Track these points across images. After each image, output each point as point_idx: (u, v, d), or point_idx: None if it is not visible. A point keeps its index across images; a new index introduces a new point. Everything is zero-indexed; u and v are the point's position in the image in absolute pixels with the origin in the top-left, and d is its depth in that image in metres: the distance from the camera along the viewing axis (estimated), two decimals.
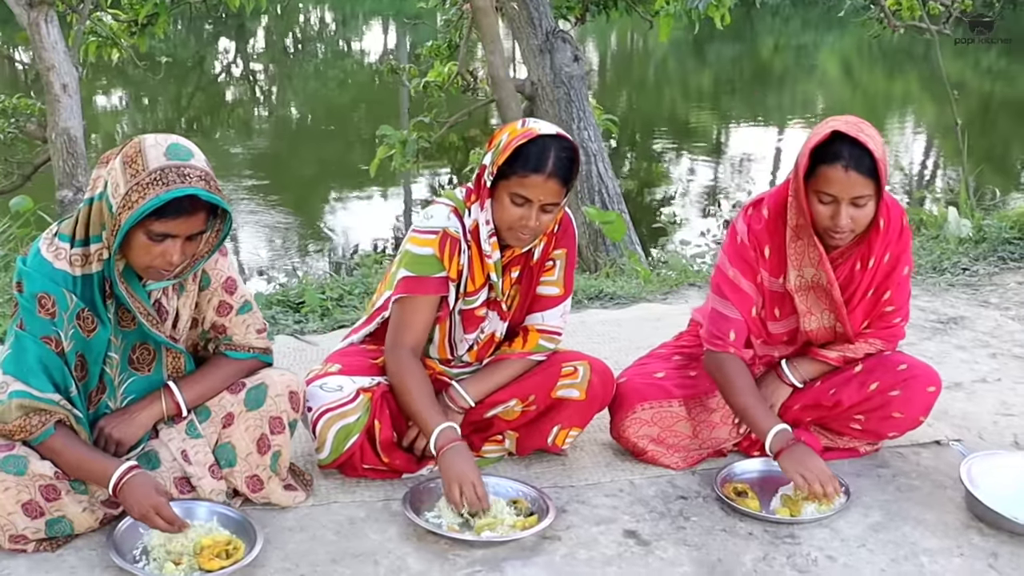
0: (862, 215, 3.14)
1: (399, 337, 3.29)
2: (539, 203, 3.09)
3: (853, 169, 3.06)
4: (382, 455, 3.26)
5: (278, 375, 3.12)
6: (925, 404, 3.43)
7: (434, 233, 3.25)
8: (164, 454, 3.03)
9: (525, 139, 3.07)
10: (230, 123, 19.28)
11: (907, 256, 3.41)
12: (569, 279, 3.42)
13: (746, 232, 3.37)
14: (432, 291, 3.26)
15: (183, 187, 2.67)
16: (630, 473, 3.43)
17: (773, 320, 3.45)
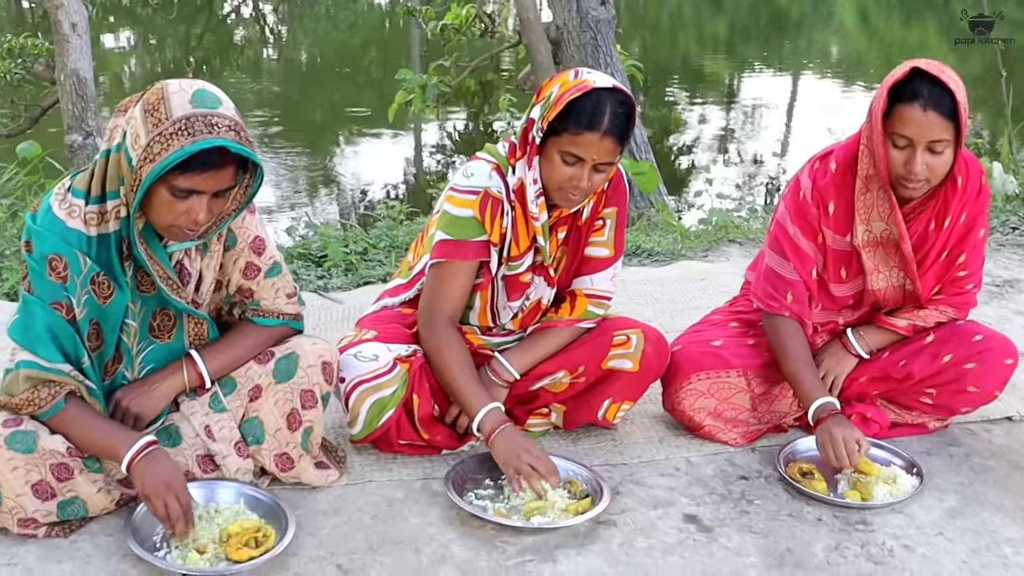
0: (939, 163, 2.88)
1: (435, 304, 3.04)
2: (592, 162, 2.83)
3: (932, 109, 2.80)
4: (421, 430, 3.03)
5: (310, 344, 2.87)
6: (1002, 377, 3.18)
7: (474, 193, 2.98)
8: (186, 429, 2.80)
9: (579, 92, 2.79)
10: (239, 64, 18.90)
11: (984, 218, 3.15)
12: (620, 239, 3.16)
13: (810, 188, 3.11)
14: (471, 256, 3.01)
15: (211, 138, 2.40)
16: (685, 450, 3.20)
17: (838, 282, 3.20)
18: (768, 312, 3.21)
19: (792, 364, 3.14)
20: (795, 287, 3.16)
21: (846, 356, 3.26)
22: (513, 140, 3.03)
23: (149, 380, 2.76)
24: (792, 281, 3.16)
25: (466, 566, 2.62)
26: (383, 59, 18.50)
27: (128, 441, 2.56)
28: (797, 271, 3.15)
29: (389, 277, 4.72)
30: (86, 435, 2.60)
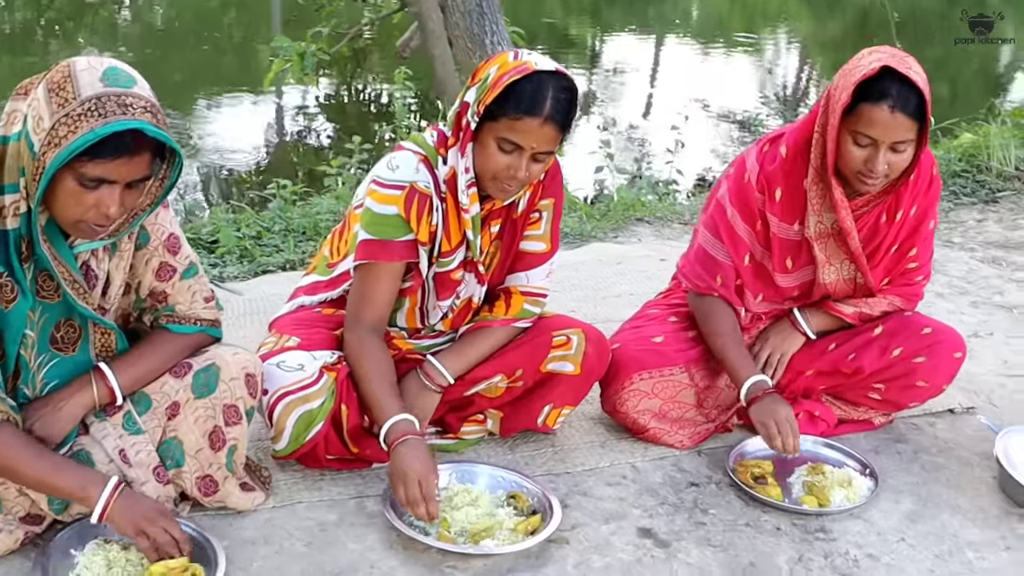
0: (900, 160, 2.77)
1: (359, 312, 2.80)
2: (531, 150, 2.60)
3: (900, 110, 2.67)
4: (350, 444, 2.79)
5: (231, 354, 2.59)
6: (951, 371, 3.11)
7: (399, 188, 2.73)
8: (98, 454, 2.48)
9: (519, 75, 2.56)
10: (94, 27, 17.98)
11: (934, 209, 3.06)
12: (556, 232, 2.96)
13: (756, 172, 2.98)
14: (396, 257, 2.76)
15: (125, 119, 2.10)
16: (630, 455, 3.03)
17: (784, 272, 3.07)
18: (696, 292, 3.07)
19: (719, 339, 3.03)
20: (725, 271, 3.04)
21: (793, 333, 3.14)
22: (441, 128, 2.79)
23: (54, 398, 2.44)
24: (723, 264, 3.04)
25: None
26: (242, 22, 17.86)
27: (97, 482, 2.31)
28: (729, 255, 3.03)
29: (289, 265, 4.45)
30: (31, 473, 2.31)
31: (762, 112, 11.38)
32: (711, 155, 8.51)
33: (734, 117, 10.29)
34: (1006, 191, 5.71)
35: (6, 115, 2.24)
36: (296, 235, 4.75)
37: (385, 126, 10.38)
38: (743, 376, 2.96)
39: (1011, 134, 6.13)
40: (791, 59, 17.19)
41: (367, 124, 11.72)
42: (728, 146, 9.61)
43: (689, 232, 5.08)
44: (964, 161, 5.97)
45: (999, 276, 4.58)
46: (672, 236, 5.03)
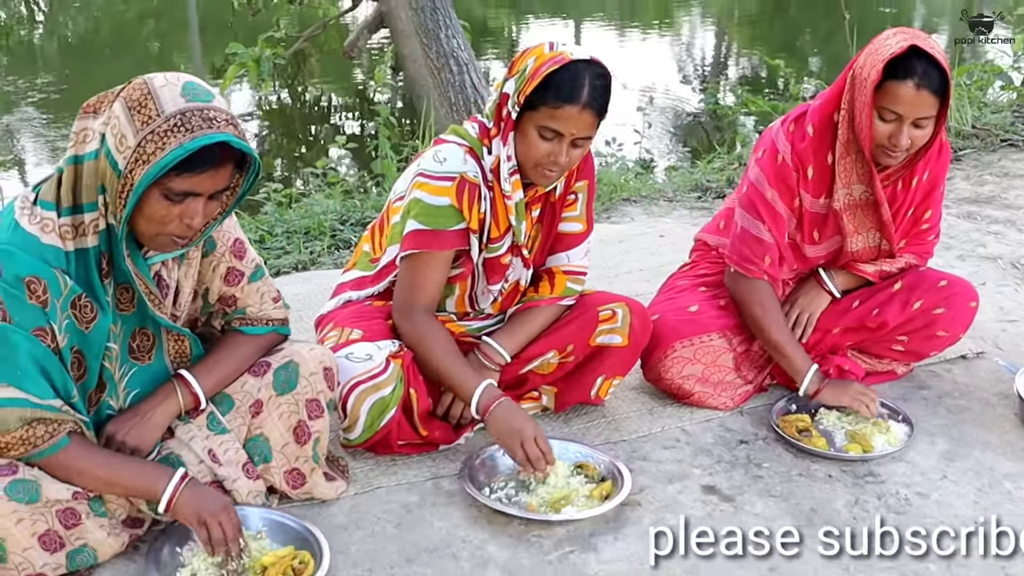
0: (921, 136, 2.94)
1: (412, 298, 2.91)
2: (571, 137, 2.73)
3: (925, 88, 2.84)
4: (420, 428, 2.90)
5: (307, 350, 2.70)
6: (967, 320, 3.31)
7: (450, 179, 2.84)
8: (187, 456, 2.57)
9: (556, 65, 2.69)
10: (9, 47, 17.67)
11: (944, 172, 3.25)
12: (591, 212, 3.10)
13: (789, 151, 3.12)
14: (448, 245, 2.88)
15: (211, 133, 2.18)
16: (678, 419, 3.18)
17: (812, 243, 3.24)
18: (744, 275, 3.22)
19: (776, 334, 3.17)
20: (771, 250, 3.18)
21: (820, 294, 3.31)
22: (480, 119, 2.91)
23: (140, 408, 2.53)
24: (768, 244, 3.17)
25: (509, 565, 2.54)
26: (160, 32, 17.69)
27: (163, 475, 2.38)
28: (772, 234, 3.16)
29: (301, 265, 4.53)
30: (102, 474, 2.38)
31: (684, 90, 11.60)
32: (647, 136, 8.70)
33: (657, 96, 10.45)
34: (967, 149, 5.96)
35: (76, 134, 2.30)
36: (300, 235, 4.83)
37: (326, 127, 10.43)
38: (803, 370, 3.13)
39: (964, 94, 6.38)
40: (708, 38, 17.48)
41: (309, 127, 11.78)
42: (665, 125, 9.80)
43: (676, 207, 5.27)
44: None
45: (977, 230, 4.81)
46: (661, 213, 5.19)
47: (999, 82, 7.13)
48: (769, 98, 8.47)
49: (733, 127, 8.58)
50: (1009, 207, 5.06)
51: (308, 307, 3.88)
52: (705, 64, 15.02)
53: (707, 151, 6.83)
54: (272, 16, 10.46)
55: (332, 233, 4.81)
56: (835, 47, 11.94)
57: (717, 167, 6.00)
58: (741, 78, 13.18)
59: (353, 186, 5.88)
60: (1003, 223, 4.86)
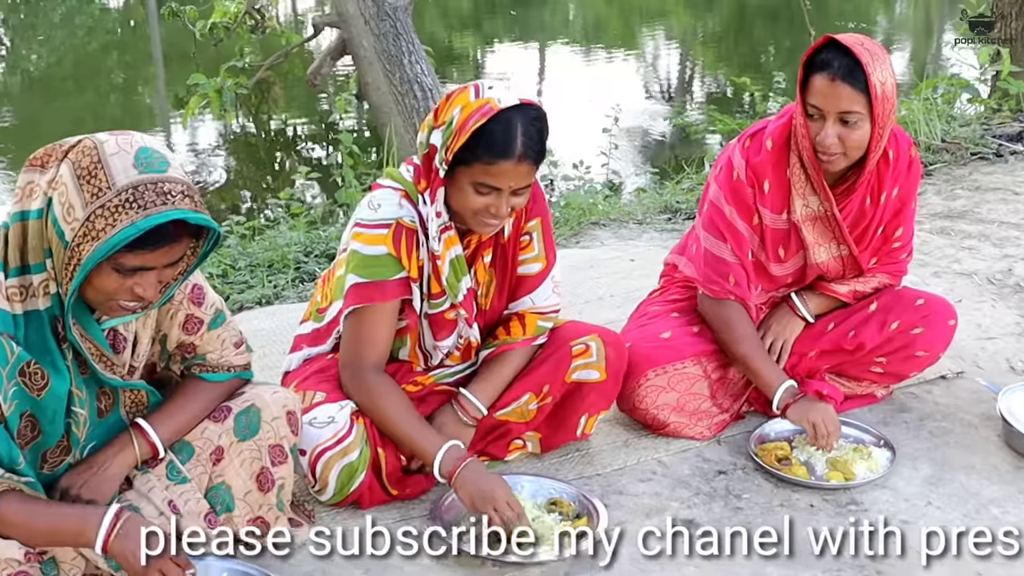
0: (853, 136, 2.88)
1: (359, 357, 2.78)
2: (509, 189, 2.62)
3: (841, 80, 2.81)
4: (390, 488, 2.80)
5: (270, 394, 2.60)
6: (947, 339, 3.25)
7: (385, 226, 2.72)
8: (147, 508, 2.45)
9: (484, 117, 2.55)
10: None
11: (915, 190, 3.20)
12: (550, 247, 2.97)
13: (744, 167, 3.07)
14: (392, 296, 2.74)
15: (165, 210, 2.07)
16: (654, 451, 3.09)
17: (777, 261, 3.17)
18: (711, 297, 3.14)
19: (742, 346, 3.10)
20: (735, 269, 3.11)
21: (793, 319, 3.24)
22: (416, 162, 2.78)
23: (95, 460, 2.40)
24: (732, 264, 3.11)
25: None
26: (124, 63, 17.55)
27: (93, 518, 2.22)
28: (735, 253, 3.10)
29: (265, 300, 4.42)
30: (38, 527, 2.23)
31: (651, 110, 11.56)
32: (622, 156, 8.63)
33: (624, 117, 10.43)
34: (937, 163, 5.91)
35: (21, 188, 2.18)
36: (263, 268, 4.72)
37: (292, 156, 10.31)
38: (775, 383, 3.06)
39: (933, 108, 6.35)
40: (672, 57, 17.51)
41: (273, 155, 11.67)
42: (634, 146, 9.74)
43: (646, 230, 5.20)
44: None
45: (951, 245, 4.75)
46: (631, 236, 5.12)
47: (966, 95, 7.11)
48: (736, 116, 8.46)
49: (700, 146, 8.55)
50: (982, 221, 5.01)
51: (273, 343, 3.78)
52: (671, 84, 15.03)
53: (676, 171, 6.77)
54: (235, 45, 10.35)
55: (296, 265, 4.70)
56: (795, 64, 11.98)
57: (686, 187, 5.94)
58: (708, 96, 13.19)
59: (318, 216, 5.78)
60: (977, 238, 4.81)
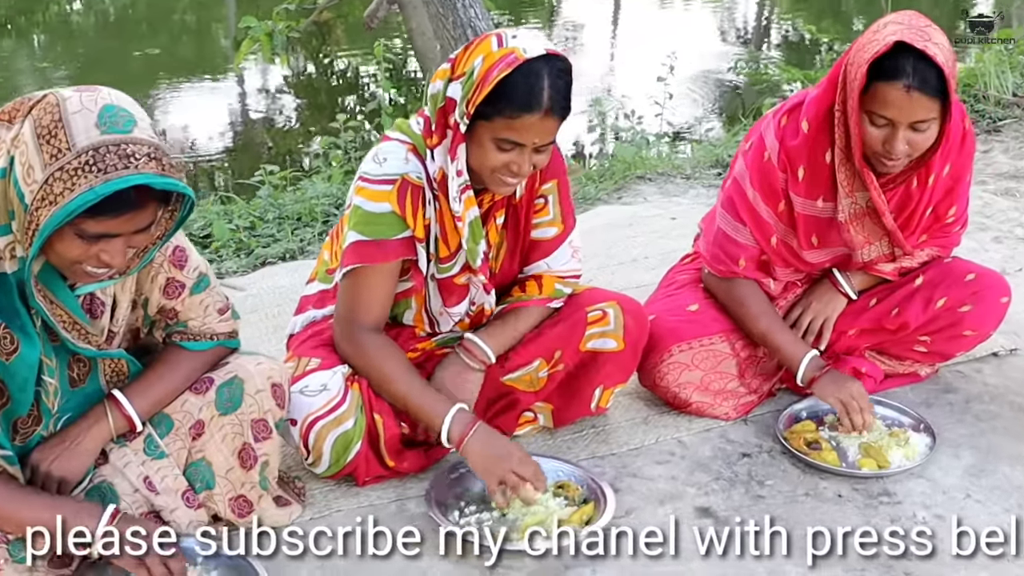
0: (922, 140, 2.60)
1: (354, 317, 2.61)
2: (532, 146, 2.42)
3: (917, 89, 2.49)
4: (388, 459, 2.63)
5: (254, 364, 2.44)
6: (998, 317, 2.99)
7: (390, 182, 2.54)
8: (121, 484, 2.33)
9: (508, 68, 2.35)
10: (47, 23, 17.56)
11: (970, 165, 2.89)
12: (567, 211, 2.77)
13: (777, 149, 2.80)
14: (393, 256, 2.57)
15: (128, 175, 1.91)
16: (675, 429, 2.90)
17: (810, 248, 2.91)
18: (717, 276, 2.95)
19: (760, 323, 2.89)
20: (748, 252, 2.89)
21: (835, 296, 2.99)
22: (427, 113, 2.57)
23: (68, 434, 2.27)
24: (746, 246, 2.89)
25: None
26: (197, 5, 17.51)
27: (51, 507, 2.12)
28: (754, 237, 2.88)
29: (289, 255, 4.28)
30: (9, 513, 2.12)
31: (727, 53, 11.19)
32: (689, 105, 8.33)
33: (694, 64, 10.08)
34: (1007, 119, 5.57)
35: None
36: (291, 221, 4.58)
37: (355, 99, 10.15)
38: (797, 356, 2.83)
39: (1006, 60, 5.99)
40: (750, 4, 16.96)
41: (336, 99, 11.52)
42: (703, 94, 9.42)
43: (692, 185, 4.96)
44: (961, 91, 5.82)
45: (1016, 208, 4.45)
46: (677, 192, 4.88)
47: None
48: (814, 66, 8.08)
49: (772, 96, 8.21)
50: None
51: (290, 301, 3.62)
52: (747, 29, 14.56)
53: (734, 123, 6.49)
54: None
55: (325, 219, 4.55)
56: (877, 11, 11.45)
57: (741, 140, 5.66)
58: (785, 42, 12.73)
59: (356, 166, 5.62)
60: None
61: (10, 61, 14.34)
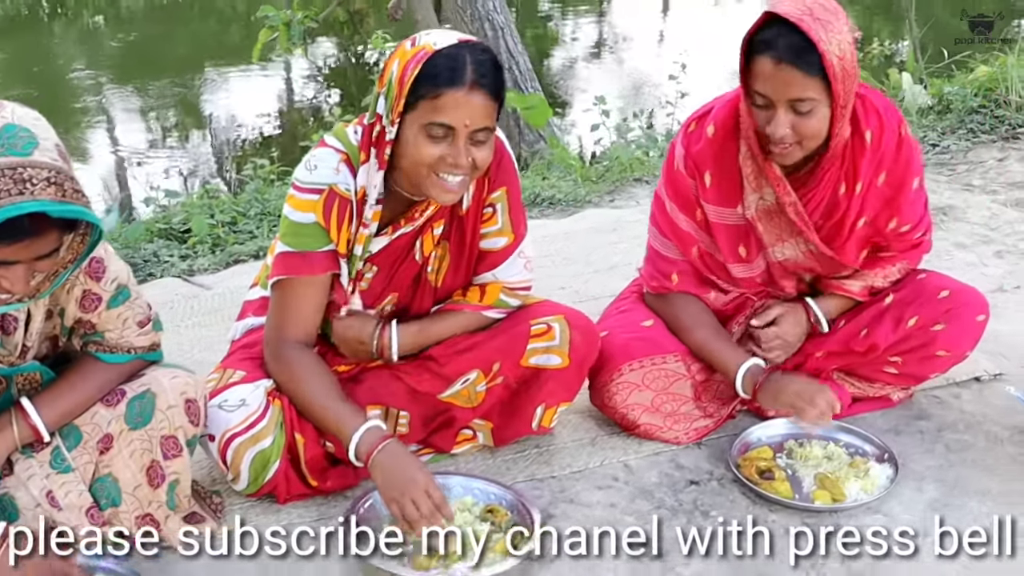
0: (809, 125, 2.45)
1: (281, 332, 2.50)
2: (465, 129, 2.28)
3: (788, 62, 2.37)
4: (310, 478, 2.52)
5: (168, 378, 2.33)
6: (973, 337, 2.80)
7: (317, 192, 2.42)
8: (23, 498, 2.24)
9: (422, 62, 2.25)
10: (97, 4, 17.64)
11: (912, 170, 2.69)
12: (517, 219, 2.62)
13: (683, 156, 2.68)
14: (320, 270, 2.46)
15: (21, 201, 1.82)
16: (622, 452, 2.75)
17: (738, 261, 2.77)
18: (653, 293, 2.83)
19: (695, 334, 2.76)
20: (680, 266, 2.78)
21: (801, 323, 2.83)
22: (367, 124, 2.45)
23: None
24: (676, 261, 2.78)
25: None
26: None
27: None
28: (680, 251, 2.76)
29: (262, 252, 4.18)
30: None
31: None
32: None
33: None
34: None
35: None
36: (272, 218, 4.48)
37: None
38: (733, 364, 2.68)
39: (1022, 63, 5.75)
40: None
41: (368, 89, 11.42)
42: None
43: None
44: (981, 96, 5.59)
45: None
46: None
47: None
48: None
49: None
50: None
51: None
52: None
53: None
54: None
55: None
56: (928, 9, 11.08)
57: None
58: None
59: None
60: None
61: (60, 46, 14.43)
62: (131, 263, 4.12)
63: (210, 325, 3.46)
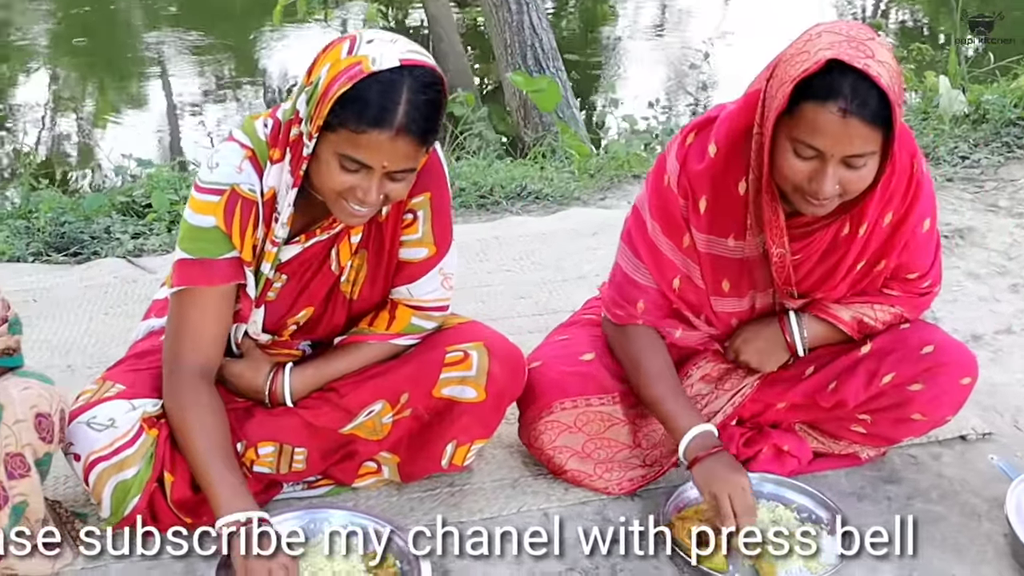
0: (856, 179, 2.09)
1: (178, 351, 2.23)
2: (383, 169, 2.01)
3: (855, 115, 1.99)
4: (181, 515, 2.25)
5: (19, 390, 2.07)
6: (955, 402, 2.46)
7: (218, 192, 2.15)
8: None
9: (351, 82, 1.95)
10: None
11: (920, 212, 2.32)
12: (442, 230, 2.32)
13: (677, 172, 2.31)
14: (219, 280, 2.20)
15: None
16: (545, 498, 2.46)
17: (720, 295, 2.42)
18: (615, 323, 2.47)
19: (655, 388, 2.39)
20: (649, 295, 2.42)
21: (778, 348, 2.48)
22: (279, 117, 2.16)
23: None
24: (645, 288, 2.42)
25: None
26: None
27: None
28: (654, 279, 2.40)
29: None
30: None
31: None
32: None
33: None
34: None
35: None
36: None
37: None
38: (683, 426, 2.32)
39: None
40: None
41: None
42: None
43: None
44: (1021, 107, 5.18)
45: None
46: None
47: None
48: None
49: None
50: None
51: None
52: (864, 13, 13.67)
53: None
54: None
55: None
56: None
57: None
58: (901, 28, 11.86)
59: None
60: None
61: None
62: (79, 238, 3.90)
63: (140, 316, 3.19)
